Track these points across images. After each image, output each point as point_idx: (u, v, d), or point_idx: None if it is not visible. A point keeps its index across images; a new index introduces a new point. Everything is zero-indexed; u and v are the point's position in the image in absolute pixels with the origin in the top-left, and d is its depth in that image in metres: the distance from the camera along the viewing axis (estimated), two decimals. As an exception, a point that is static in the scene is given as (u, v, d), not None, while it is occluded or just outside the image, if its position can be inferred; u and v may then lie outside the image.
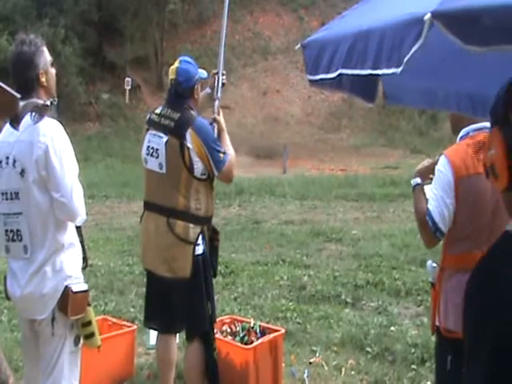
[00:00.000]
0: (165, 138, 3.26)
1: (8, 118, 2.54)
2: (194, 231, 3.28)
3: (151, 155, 3.32)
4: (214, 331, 3.52)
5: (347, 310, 5.41)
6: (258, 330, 3.92)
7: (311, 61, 2.20)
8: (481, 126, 2.62)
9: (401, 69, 1.57)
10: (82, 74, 21.74)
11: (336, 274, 6.48)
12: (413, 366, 4.17)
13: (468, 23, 1.37)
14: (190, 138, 3.22)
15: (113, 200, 12.37)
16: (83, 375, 2.84)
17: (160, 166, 3.28)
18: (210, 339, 3.41)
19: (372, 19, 1.83)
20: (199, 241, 3.30)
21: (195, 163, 3.23)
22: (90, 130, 21.70)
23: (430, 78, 2.61)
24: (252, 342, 3.79)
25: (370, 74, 1.72)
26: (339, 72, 1.92)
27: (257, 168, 17.12)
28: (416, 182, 2.73)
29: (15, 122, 2.37)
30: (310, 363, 4.27)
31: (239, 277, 6.42)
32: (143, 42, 24.24)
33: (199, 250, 3.30)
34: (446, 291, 2.60)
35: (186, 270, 3.26)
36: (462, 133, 2.69)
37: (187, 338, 3.48)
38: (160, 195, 3.33)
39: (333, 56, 1.97)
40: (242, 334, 3.90)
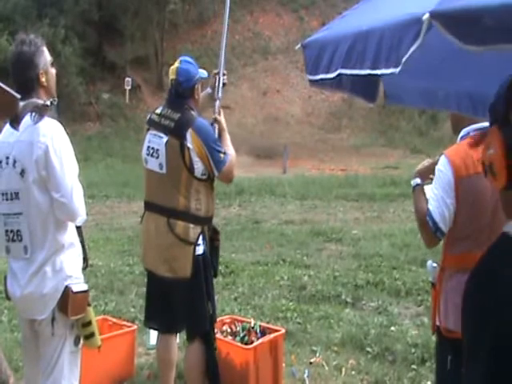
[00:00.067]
0: (165, 139, 3.26)
1: (8, 119, 2.54)
2: (195, 231, 3.28)
3: (151, 155, 3.32)
4: (215, 331, 3.53)
5: (347, 309, 5.41)
6: (258, 330, 3.92)
7: (311, 61, 2.20)
8: (481, 126, 2.62)
9: (399, 69, 1.57)
10: (82, 74, 21.75)
11: (336, 273, 6.48)
12: (413, 366, 4.17)
13: (466, 23, 1.38)
14: (190, 138, 3.21)
15: (113, 200, 12.38)
16: (83, 375, 2.84)
17: (160, 167, 3.28)
18: (210, 339, 3.41)
19: (371, 19, 1.83)
20: (199, 241, 3.29)
21: (195, 163, 3.23)
22: (90, 129, 21.71)
23: (430, 78, 2.61)
24: (252, 342, 3.79)
25: (369, 74, 1.72)
26: (339, 72, 1.92)
27: (257, 168, 17.12)
28: (416, 182, 2.73)
29: (15, 123, 2.37)
30: (311, 363, 4.26)
31: (239, 277, 6.42)
32: (143, 41, 24.25)
33: (199, 250, 3.30)
34: (446, 291, 2.60)
35: (186, 270, 3.26)
36: (462, 133, 2.69)
37: (188, 338, 3.48)
38: (160, 195, 3.33)
39: (332, 56, 1.97)
40: (242, 334, 3.90)
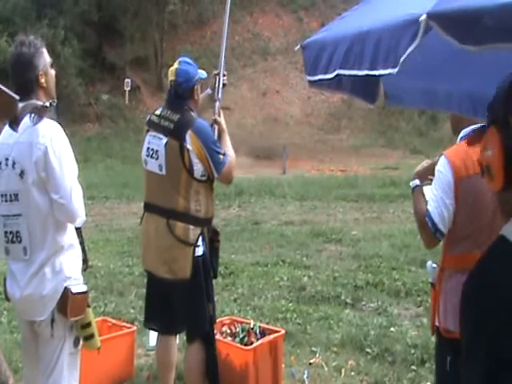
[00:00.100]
0: (164, 140, 3.26)
1: (7, 120, 2.54)
2: (194, 232, 3.28)
3: (151, 157, 3.32)
4: (215, 332, 3.53)
5: (347, 310, 5.41)
6: (257, 331, 3.92)
7: (310, 62, 2.20)
8: (481, 126, 2.62)
9: (397, 69, 1.57)
10: (81, 75, 21.74)
11: (336, 274, 6.48)
12: (412, 367, 4.17)
13: (463, 23, 1.38)
14: (189, 139, 3.21)
15: (112, 201, 12.37)
16: (83, 376, 2.84)
17: (160, 168, 3.28)
18: (210, 340, 3.41)
19: (370, 20, 1.83)
20: (199, 242, 3.30)
21: (195, 165, 3.23)
22: (90, 130, 21.70)
23: (431, 79, 2.60)
24: (252, 343, 3.78)
25: (367, 74, 1.73)
26: (337, 72, 1.92)
27: (256, 169, 17.12)
28: (415, 183, 2.73)
29: (14, 124, 2.37)
30: (310, 364, 4.26)
31: (239, 278, 6.42)
32: (143, 42, 24.23)
33: (199, 252, 3.30)
34: (445, 292, 2.60)
35: (186, 272, 3.26)
36: (462, 133, 2.69)
37: (187, 339, 3.48)
38: (160, 197, 3.33)
39: (331, 57, 1.97)
40: (241, 335, 3.89)
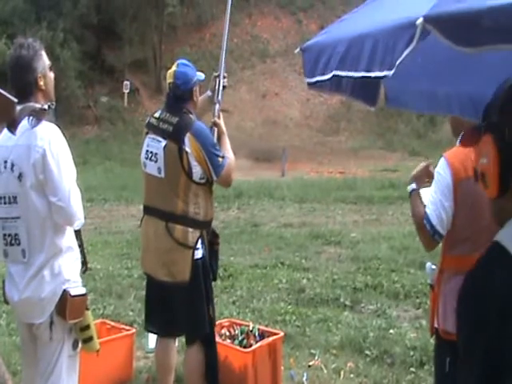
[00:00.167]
0: (163, 143, 3.26)
1: (5, 123, 2.54)
2: (193, 235, 3.28)
3: (150, 159, 3.32)
4: (215, 334, 3.53)
5: (346, 312, 5.40)
6: (256, 334, 3.92)
7: (309, 64, 2.21)
8: None
9: (393, 72, 1.58)
10: (80, 78, 21.76)
11: (335, 276, 6.47)
12: (412, 369, 4.17)
13: (460, 26, 1.39)
14: (188, 142, 3.21)
15: (111, 203, 12.36)
16: (82, 379, 2.84)
17: (159, 171, 3.28)
18: (210, 342, 3.41)
19: (369, 23, 1.84)
20: (198, 245, 3.29)
21: (194, 167, 3.23)
22: (89, 133, 21.71)
23: (432, 82, 2.60)
24: (251, 346, 3.78)
25: (363, 76, 1.73)
26: (333, 73, 1.93)
27: (256, 171, 17.11)
28: (412, 187, 2.73)
29: (12, 127, 2.37)
30: (309, 366, 4.26)
31: (238, 280, 6.41)
32: (142, 45, 24.25)
33: (198, 254, 3.30)
34: (444, 293, 2.60)
35: (185, 275, 3.26)
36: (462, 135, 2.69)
37: (187, 341, 3.48)
38: (159, 199, 3.33)
39: (329, 59, 1.98)
40: (240, 338, 3.89)
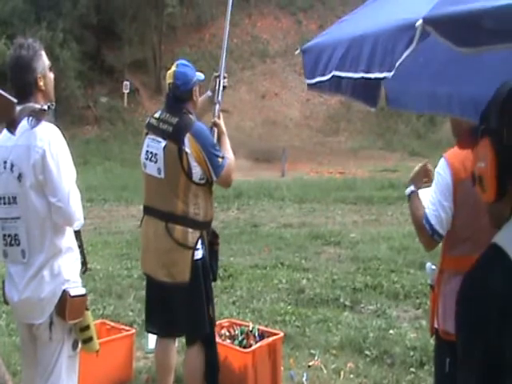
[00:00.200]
0: (163, 143, 3.26)
1: (5, 123, 2.54)
2: (193, 236, 3.27)
3: (150, 160, 3.32)
4: (215, 334, 3.53)
5: (346, 313, 5.40)
6: (256, 334, 3.92)
7: (309, 65, 2.21)
8: None
9: (392, 73, 1.58)
10: (80, 78, 21.74)
11: (335, 277, 6.47)
12: (412, 369, 4.17)
13: (459, 27, 1.39)
14: (188, 142, 3.21)
15: (111, 204, 12.36)
16: (81, 380, 2.84)
17: (158, 171, 3.28)
18: (211, 343, 3.41)
19: (369, 24, 1.84)
20: (198, 245, 3.29)
21: (193, 168, 3.23)
22: (89, 133, 21.70)
23: (432, 83, 2.60)
24: (251, 346, 3.78)
25: (362, 77, 1.74)
26: (333, 74, 1.93)
27: (255, 171, 17.11)
28: (410, 190, 2.74)
29: (11, 127, 2.37)
30: (309, 366, 4.26)
31: (238, 280, 6.41)
32: (142, 45, 24.24)
33: (198, 255, 3.30)
34: (444, 293, 2.60)
35: (184, 275, 3.26)
36: (462, 136, 2.70)
37: (187, 342, 3.48)
38: (159, 200, 3.33)
39: (329, 60, 1.98)
40: (240, 338, 3.89)
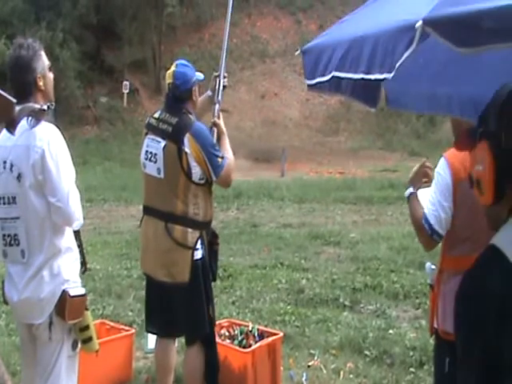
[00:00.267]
0: (163, 143, 3.26)
1: (4, 123, 2.54)
2: (193, 236, 3.27)
3: (150, 160, 3.32)
4: (215, 335, 3.53)
5: (345, 313, 5.41)
6: (256, 334, 3.92)
7: (310, 66, 2.21)
8: None
9: (392, 74, 1.58)
10: (80, 78, 21.72)
11: (334, 277, 6.47)
12: (411, 369, 4.17)
13: (459, 27, 1.40)
14: (187, 142, 3.21)
15: (111, 204, 12.35)
16: (81, 379, 2.84)
17: (158, 171, 3.28)
18: (210, 343, 3.41)
19: (369, 25, 1.85)
20: (198, 245, 3.29)
21: (193, 168, 3.23)
22: (88, 133, 21.69)
23: (432, 83, 2.61)
24: (250, 346, 3.78)
25: (362, 78, 1.74)
26: (333, 74, 1.93)
27: (255, 171, 17.11)
28: (409, 191, 2.74)
29: (11, 127, 2.37)
30: (309, 366, 4.26)
31: (237, 280, 6.41)
32: (141, 45, 24.22)
33: (198, 255, 3.30)
34: (444, 293, 2.60)
35: (184, 275, 3.26)
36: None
37: (187, 342, 3.48)
38: (159, 200, 3.33)
39: (329, 60, 1.98)
40: (240, 338, 3.89)
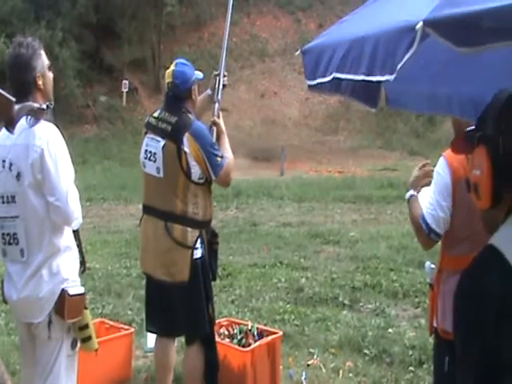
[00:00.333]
0: (162, 142, 3.26)
1: (3, 122, 2.54)
2: (192, 235, 3.27)
3: (149, 159, 3.32)
4: (215, 334, 3.53)
5: (345, 312, 5.41)
6: (255, 333, 3.92)
7: (310, 66, 2.21)
8: None
9: (394, 76, 1.58)
10: (79, 77, 21.70)
11: (334, 276, 6.48)
12: (410, 368, 4.18)
13: (459, 28, 1.40)
14: (187, 142, 3.21)
15: (110, 203, 12.35)
16: (80, 379, 2.83)
17: (158, 170, 3.27)
18: (210, 342, 3.41)
19: (369, 25, 1.84)
20: (197, 244, 3.29)
21: (192, 167, 3.23)
22: (88, 132, 21.67)
23: (432, 83, 2.61)
24: (250, 345, 3.78)
25: (363, 79, 1.73)
26: (333, 75, 1.93)
27: (254, 170, 17.10)
28: (410, 194, 2.74)
29: (10, 126, 2.36)
30: (308, 365, 4.26)
31: (237, 279, 6.42)
32: (141, 44, 24.20)
33: (198, 254, 3.30)
34: (443, 293, 2.60)
35: (184, 274, 3.25)
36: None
37: (186, 341, 3.48)
38: (158, 199, 3.32)
39: (329, 61, 1.98)
40: (239, 337, 3.89)
